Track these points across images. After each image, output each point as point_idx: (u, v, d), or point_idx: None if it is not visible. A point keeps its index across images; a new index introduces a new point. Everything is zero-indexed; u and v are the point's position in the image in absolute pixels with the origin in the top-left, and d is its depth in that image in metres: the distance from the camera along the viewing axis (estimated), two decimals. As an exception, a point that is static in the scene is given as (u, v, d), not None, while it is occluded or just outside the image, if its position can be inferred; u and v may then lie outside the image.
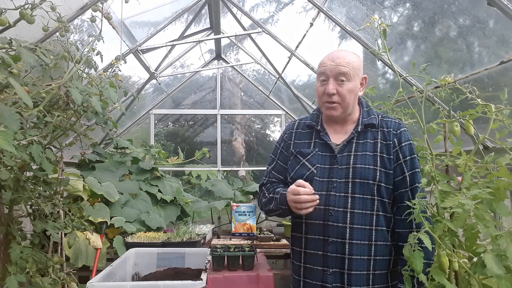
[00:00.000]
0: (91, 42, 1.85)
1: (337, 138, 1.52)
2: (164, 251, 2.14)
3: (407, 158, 1.43)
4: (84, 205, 2.36)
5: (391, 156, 1.43)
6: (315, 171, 1.47)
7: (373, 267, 1.38)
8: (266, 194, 1.59)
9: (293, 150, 1.56)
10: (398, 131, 1.47)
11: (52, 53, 1.62)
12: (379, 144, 1.45)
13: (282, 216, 1.53)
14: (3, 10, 1.46)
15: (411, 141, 1.48)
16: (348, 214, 1.39)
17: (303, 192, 1.34)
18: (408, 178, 1.41)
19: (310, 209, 1.35)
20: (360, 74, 1.49)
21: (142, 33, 3.56)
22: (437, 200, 1.36)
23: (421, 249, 1.24)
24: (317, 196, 1.36)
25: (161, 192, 3.52)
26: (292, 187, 1.39)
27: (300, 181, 1.39)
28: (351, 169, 1.42)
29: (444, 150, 1.72)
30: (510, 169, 1.34)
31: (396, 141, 1.45)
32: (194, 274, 1.89)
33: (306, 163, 1.50)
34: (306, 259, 1.47)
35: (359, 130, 1.48)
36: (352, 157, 1.45)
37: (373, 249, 1.38)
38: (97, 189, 2.79)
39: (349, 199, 1.40)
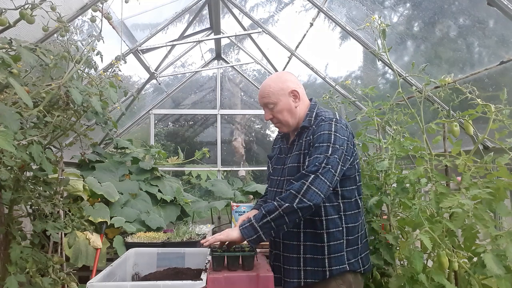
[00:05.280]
0: (91, 42, 1.85)
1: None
2: (164, 251, 2.14)
3: (316, 145, 1.49)
4: (84, 205, 2.35)
5: (311, 150, 1.53)
6: (272, 171, 1.75)
7: (303, 251, 1.53)
8: None
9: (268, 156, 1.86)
10: (316, 125, 1.56)
11: (52, 53, 1.62)
12: (304, 142, 1.58)
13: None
14: (3, 10, 1.45)
15: (327, 131, 1.50)
16: None
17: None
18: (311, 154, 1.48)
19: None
20: (285, 91, 1.61)
21: (142, 33, 3.56)
22: (432, 201, 1.37)
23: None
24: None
25: (161, 192, 3.52)
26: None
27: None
28: (286, 169, 1.64)
29: (444, 150, 1.72)
30: (509, 169, 1.34)
31: (312, 136, 1.54)
32: (194, 274, 1.89)
33: (270, 165, 1.79)
34: (270, 244, 1.75)
35: (295, 133, 1.66)
36: (289, 158, 1.65)
37: (302, 236, 1.54)
38: (97, 189, 2.79)
39: (282, 193, 1.57)
